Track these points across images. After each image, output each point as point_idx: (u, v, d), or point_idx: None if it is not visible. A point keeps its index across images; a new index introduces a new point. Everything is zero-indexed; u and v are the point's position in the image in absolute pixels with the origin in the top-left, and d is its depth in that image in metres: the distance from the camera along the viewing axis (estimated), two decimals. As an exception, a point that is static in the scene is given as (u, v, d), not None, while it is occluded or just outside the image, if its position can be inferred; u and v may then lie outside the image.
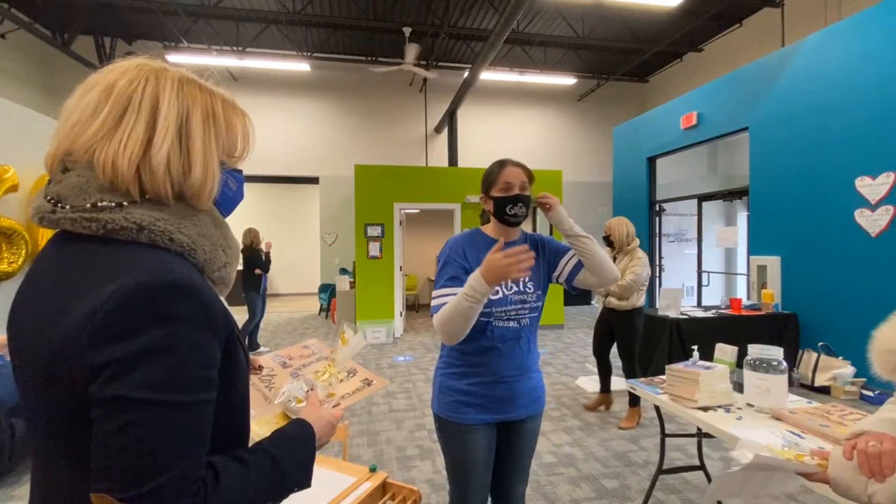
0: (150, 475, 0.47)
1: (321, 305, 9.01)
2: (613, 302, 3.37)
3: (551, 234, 8.42)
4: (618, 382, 3.90)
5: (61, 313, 0.51)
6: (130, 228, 0.54)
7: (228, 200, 0.68)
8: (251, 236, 5.66)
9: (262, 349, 5.91)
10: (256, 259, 5.62)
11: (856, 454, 0.76)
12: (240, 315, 5.75)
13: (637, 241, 3.34)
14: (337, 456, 2.39)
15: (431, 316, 1.34)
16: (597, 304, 3.61)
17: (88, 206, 0.54)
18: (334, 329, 7.47)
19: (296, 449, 0.66)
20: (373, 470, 1.52)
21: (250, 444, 0.65)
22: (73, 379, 0.49)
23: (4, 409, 2.53)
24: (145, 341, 0.49)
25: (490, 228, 1.49)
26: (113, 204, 0.54)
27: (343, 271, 8.72)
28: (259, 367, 1.03)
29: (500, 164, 1.42)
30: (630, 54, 9.03)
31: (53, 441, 0.53)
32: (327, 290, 8.68)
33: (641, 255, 3.24)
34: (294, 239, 11.95)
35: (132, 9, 7.20)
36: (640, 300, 3.33)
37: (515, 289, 1.42)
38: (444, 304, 1.30)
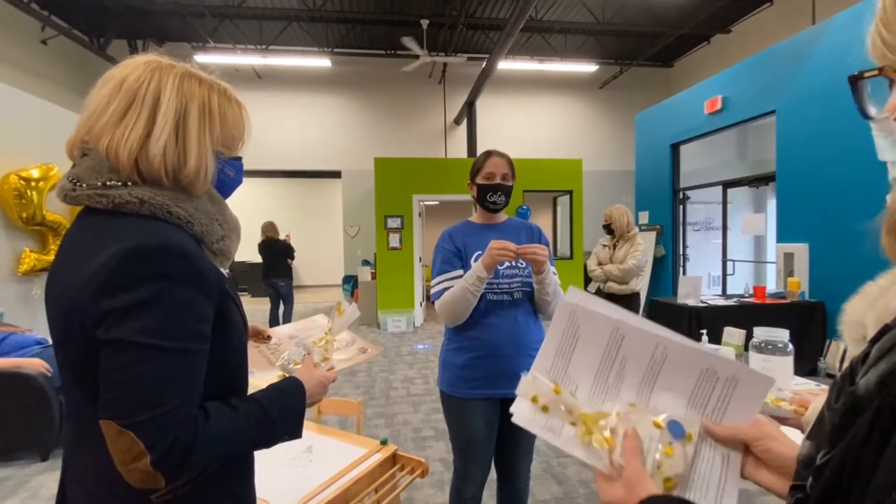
0: (145, 407, 0.56)
1: (345, 296, 9.25)
2: (614, 287, 3.44)
3: (571, 228, 8.31)
4: None
5: (77, 271, 0.61)
6: (134, 202, 0.63)
7: (226, 185, 0.77)
8: (274, 229, 5.80)
9: None
10: (289, 248, 5.79)
11: None
12: (258, 305, 5.94)
13: (636, 229, 3.46)
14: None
15: (432, 302, 1.48)
16: (591, 291, 3.65)
17: (100, 184, 0.64)
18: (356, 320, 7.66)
19: (285, 400, 0.74)
20: (384, 443, 1.62)
21: None
22: (84, 324, 0.59)
23: (54, 387, 2.76)
24: (141, 293, 0.58)
25: (476, 216, 1.64)
26: (119, 183, 0.64)
27: (365, 263, 8.91)
28: (268, 336, 1.14)
29: (487, 155, 1.55)
30: (653, 39, 8.77)
31: (74, 375, 0.64)
32: (350, 282, 8.89)
33: (641, 242, 3.35)
34: (318, 232, 12.24)
35: (162, 12, 7.50)
36: (638, 285, 3.45)
37: (507, 263, 1.50)
38: (442, 289, 1.47)
